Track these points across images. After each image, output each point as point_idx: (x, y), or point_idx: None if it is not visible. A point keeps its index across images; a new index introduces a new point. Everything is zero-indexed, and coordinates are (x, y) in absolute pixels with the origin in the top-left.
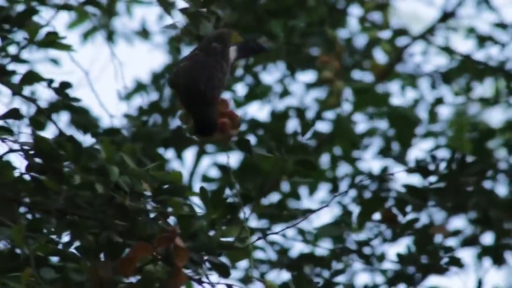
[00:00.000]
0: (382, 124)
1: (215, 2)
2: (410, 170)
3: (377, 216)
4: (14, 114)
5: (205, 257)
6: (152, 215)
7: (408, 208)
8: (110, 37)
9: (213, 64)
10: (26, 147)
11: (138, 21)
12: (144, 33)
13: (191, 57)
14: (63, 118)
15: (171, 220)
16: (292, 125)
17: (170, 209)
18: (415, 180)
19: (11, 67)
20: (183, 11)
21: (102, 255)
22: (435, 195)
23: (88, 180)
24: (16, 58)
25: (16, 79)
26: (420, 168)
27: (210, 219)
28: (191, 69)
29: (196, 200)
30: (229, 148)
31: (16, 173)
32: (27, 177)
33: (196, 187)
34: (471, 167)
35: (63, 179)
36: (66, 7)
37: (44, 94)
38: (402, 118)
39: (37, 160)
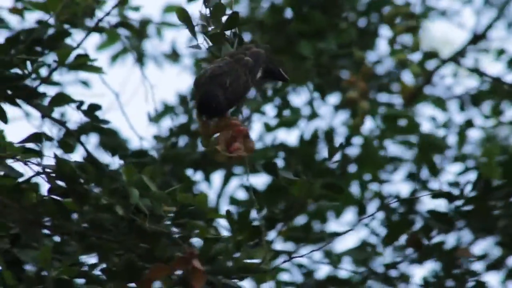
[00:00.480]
0: (411, 151)
1: (237, 25)
2: (434, 195)
3: (403, 239)
4: (35, 138)
5: (223, 281)
6: (174, 237)
7: (434, 232)
8: (140, 59)
9: (240, 72)
10: (48, 170)
11: (168, 44)
12: (173, 56)
13: (220, 61)
14: (92, 140)
15: (196, 242)
16: (321, 149)
17: (194, 232)
18: (442, 203)
19: (41, 89)
20: (206, 33)
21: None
22: (461, 218)
23: (109, 202)
24: (47, 81)
25: (46, 101)
26: (445, 193)
27: (236, 241)
28: (216, 71)
29: (223, 222)
30: (255, 170)
31: (39, 196)
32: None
33: (224, 209)
34: (498, 191)
35: (84, 202)
36: (98, 29)
37: (74, 116)
38: (430, 145)
39: (60, 183)
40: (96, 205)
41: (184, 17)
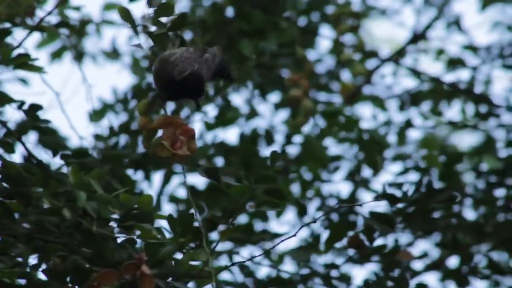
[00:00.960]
0: (351, 148)
1: (182, 27)
2: (377, 198)
3: (345, 240)
4: None
5: (171, 284)
6: (119, 241)
7: (376, 234)
8: (80, 57)
9: (203, 64)
10: None
11: (108, 42)
12: (113, 54)
13: (183, 50)
14: (31, 138)
15: (139, 244)
16: (262, 148)
17: (137, 234)
18: (383, 204)
19: None
20: (149, 33)
21: (68, 279)
22: (403, 220)
23: (56, 205)
24: None
25: None
26: (387, 195)
27: (178, 243)
28: (184, 54)
29: (164, 223)
30: (193, 169)
31: None
32: None
33: (165, 208)
34: (440, 194)
35: (30, 204)
36: (39, 28)
37: (13, 114)
38: (371, 143)
39: (5, 184)
40: (41, 207)
41: (126, 16)
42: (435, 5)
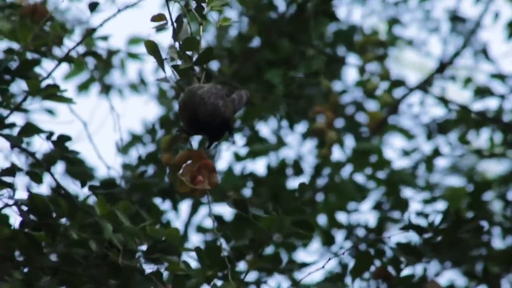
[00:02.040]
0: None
1: (208, 61)
2: (404, 229)
3: (372, 270)
4: (7, 171)
5: None
6: (146, 273)
7: (403, 264)
8: (107, 89)
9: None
10: (21, 204)
11: (133, 74)
12: (139, 86)
13: (211, 86)
14: (58, 168)
15: (167, 277)
16: (290, 178)
17: (165, 267)
18: (410, 235)
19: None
20: (175, 66)
21: None
22: (430, 250)
23: (82, 237)
24: (15, 109)
25: (15, 131)
26: (414, 226)
27: (205, 276)
28: (212, 90)
29: (191, 254)
30: (221, 199)
31: (11, 230)
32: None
33: (192, 238)
34: (468, 224)
35: (57, 235)
36: (67, 59)
37: (41, 145)
38: (399, 183)
39: (32, 216)
40: (68, 239)
41: (153, 49)
42: (462, 34)
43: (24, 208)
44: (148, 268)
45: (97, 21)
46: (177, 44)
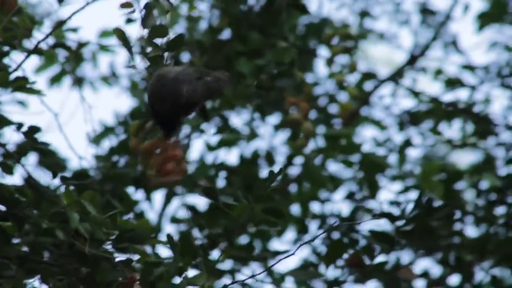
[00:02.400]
0: (352, 170)
1: (178, 48)
2: (376, 217)
3: (345, 258)
4: None
5: None
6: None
7: (376, 252)
8: (78, 82)
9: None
10: None
11: (104, 67)
12: (111, 78)
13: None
14: (31, 160)
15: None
16: (262, 169)
17: (135, 257)
18: (383, 223)
19: None
20: (144, 54)
21: None
22: (403, 238)
23: (49, 226)
24: None
25: None
26: (386, 213)
27: (178, 267)
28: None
29: (163, 247)
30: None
31: None
32: None
33: (166, 229)
34: (439, 211)
35: (24, 225)
36: (37, 51)
37: (12, 136)
38: (371, 166)
39: None
40: (36, 228)
41: (122, 38)
42: (432, 26)
43: None
44: (117, 258)
45: (67, 13)
46: (146, 31)
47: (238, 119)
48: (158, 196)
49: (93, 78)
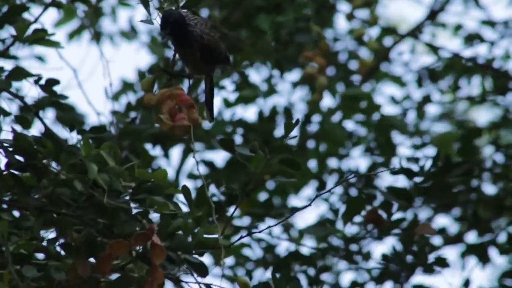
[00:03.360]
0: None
1: (197, 4)
2: (394, 172)
3: (362, 214)
4: None
5: (183, 256)
6: (133, 213)
7: (394, 208)
8: (97, 37)
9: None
10: (5, 144)
11: (124, 22)
12: (130, 33)
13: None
14: (49, 115)
15: (155, 218)
16: (280, 125)
17: (153, 208)
18: (401, 180)
19: None
20: (161, 9)
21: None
22: (421, 195)
23: (68, 177)
24: (3, 55)
25: (3, 75)
26: (404, 169)
27: (195, 217)
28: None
29: (182, 198)
30: (212, 146)
31: None
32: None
33: (182, 184)
34: (457, 168)
35: (43, 177)
36: (55, 4)
37: (30, 91)
38: (389, 127)
39: (18, 157)
40: (54, 180)
41: None
42: None
43: (9, 149)
44: (135, 208)
45: None
46: None
47: (256, 75)
48: (175, 152)
49: (112, 33)
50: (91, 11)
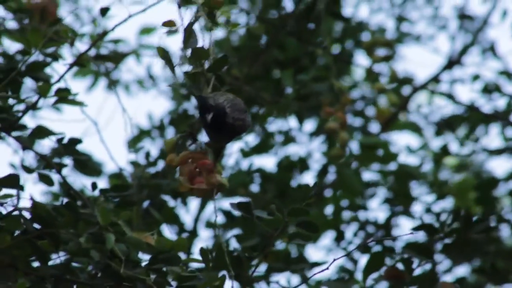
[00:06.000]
0: (387, 180)
1: (221, 69)
2: (415, 228)
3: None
4: (12, 179)
5: None
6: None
7: (414, 264)
8: (113, 85)
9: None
10: (24, 212)
11: (142, 70)
12: (148, 82)
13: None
14: (66, 162)
15: None
16: (297, 175)
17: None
18: (421, 236)
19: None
20: (186, 73)
21: None
22: (443, 251)
23: (85, 246)
24: (26, 113)
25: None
26: (426, 226)
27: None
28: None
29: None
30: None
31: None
32: None
33: (201, 233)
34: (479, 224)
35: (60, 245)
36: (79, 64)
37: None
38: (406, 176)
39: (35, 225)
40: (72, 248)
41: (164, 56)
42: (469, 31)
43: (27, 216)
44: (151, 279)
45: (109, 24)
46: (187, 52)
47: (275, 126)
48: (194, 201)
49: (128, 81)
50: (113, 67)
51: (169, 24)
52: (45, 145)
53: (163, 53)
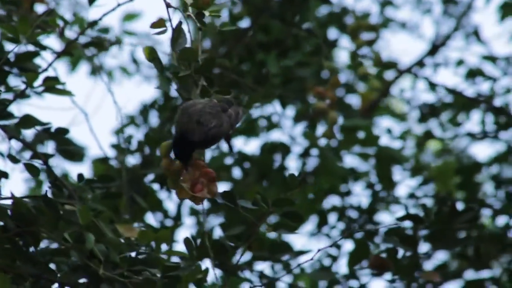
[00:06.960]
0: (368, 163)
1: (209, 71)
2: (400, 219)
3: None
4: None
5: None
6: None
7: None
8: (97, 71)
9: (223, 120)
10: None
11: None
12: (130, 68)
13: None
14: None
15: None
16: (279, 158)
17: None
18: (406, 225)
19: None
20: (174, 74)
21: None
22: (426, 240)
23: (65, 247)
24: (12, 102)
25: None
26: (411, 216)
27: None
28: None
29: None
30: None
31: None
32: None
33: (184, 221)
34: (463, 215)
35: (39, 243)
36: (67, 53)
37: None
38: (388, 159)
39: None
40: (51, 248)
41: (152, 56)
42: (454, 16)
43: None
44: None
45: (97, 13)
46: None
47: (258, 111)
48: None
49: (112, 68)
50: (101, 53)
51: (158, 24)
52: (29, 132)
53: (151, 53)
